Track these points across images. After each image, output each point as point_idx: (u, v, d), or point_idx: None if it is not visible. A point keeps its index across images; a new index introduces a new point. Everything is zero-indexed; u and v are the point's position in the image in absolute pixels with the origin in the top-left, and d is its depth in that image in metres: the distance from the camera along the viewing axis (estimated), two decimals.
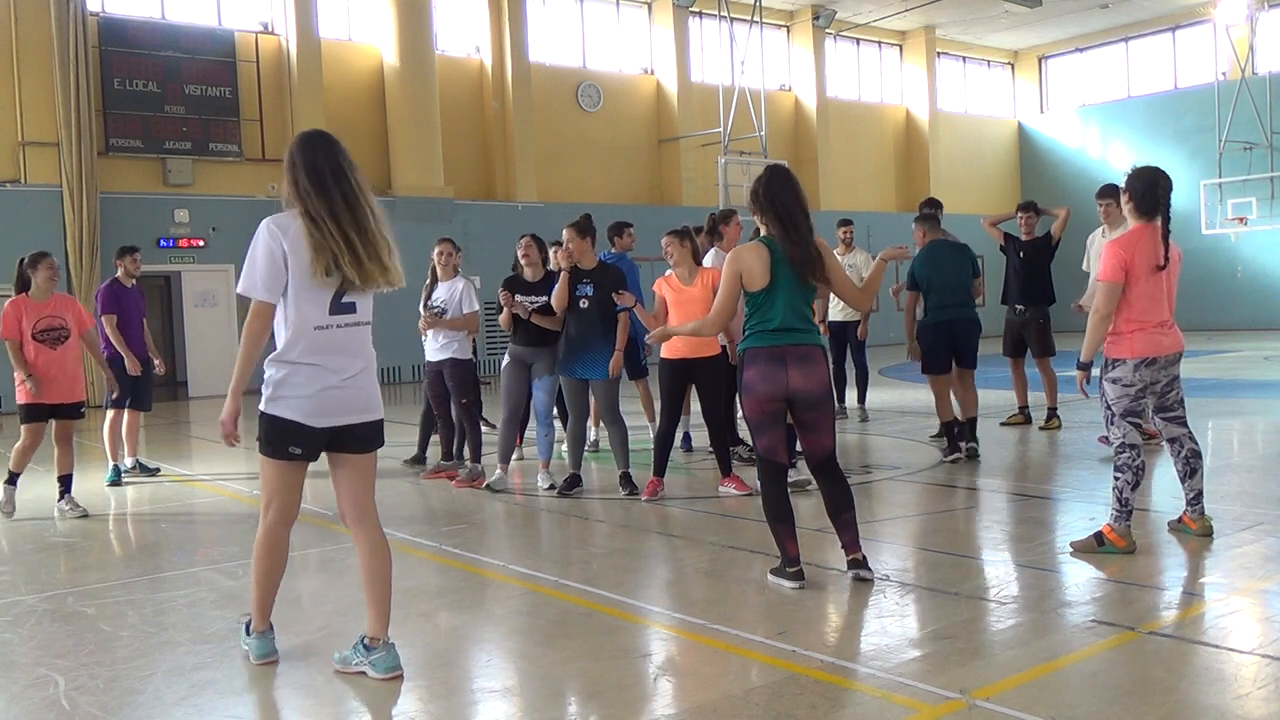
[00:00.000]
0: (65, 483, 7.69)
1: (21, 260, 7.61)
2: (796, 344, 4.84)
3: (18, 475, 7.69)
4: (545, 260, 8.11)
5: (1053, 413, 9.77)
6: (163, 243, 18.69)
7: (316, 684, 4.02)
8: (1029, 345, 9.83)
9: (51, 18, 17.37)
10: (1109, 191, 8.38)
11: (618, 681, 3.88)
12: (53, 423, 7.61)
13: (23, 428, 7.58)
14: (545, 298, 7.69)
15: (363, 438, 4.02)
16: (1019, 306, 9.83)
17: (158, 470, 9.59)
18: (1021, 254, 9.86)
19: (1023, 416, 10.07)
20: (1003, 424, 10.13)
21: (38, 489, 8.98)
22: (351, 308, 3.96)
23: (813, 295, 5.00)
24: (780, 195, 4.90)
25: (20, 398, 7.51)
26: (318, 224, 3.87)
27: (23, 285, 7.53)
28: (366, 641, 4.01)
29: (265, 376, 3.93)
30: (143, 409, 9.36)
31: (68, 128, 17.36)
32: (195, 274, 19.37)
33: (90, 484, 8.51)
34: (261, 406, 3.92)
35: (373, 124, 21.15)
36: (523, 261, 7.98)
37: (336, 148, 3.98)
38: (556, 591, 5.12)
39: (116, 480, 8.91)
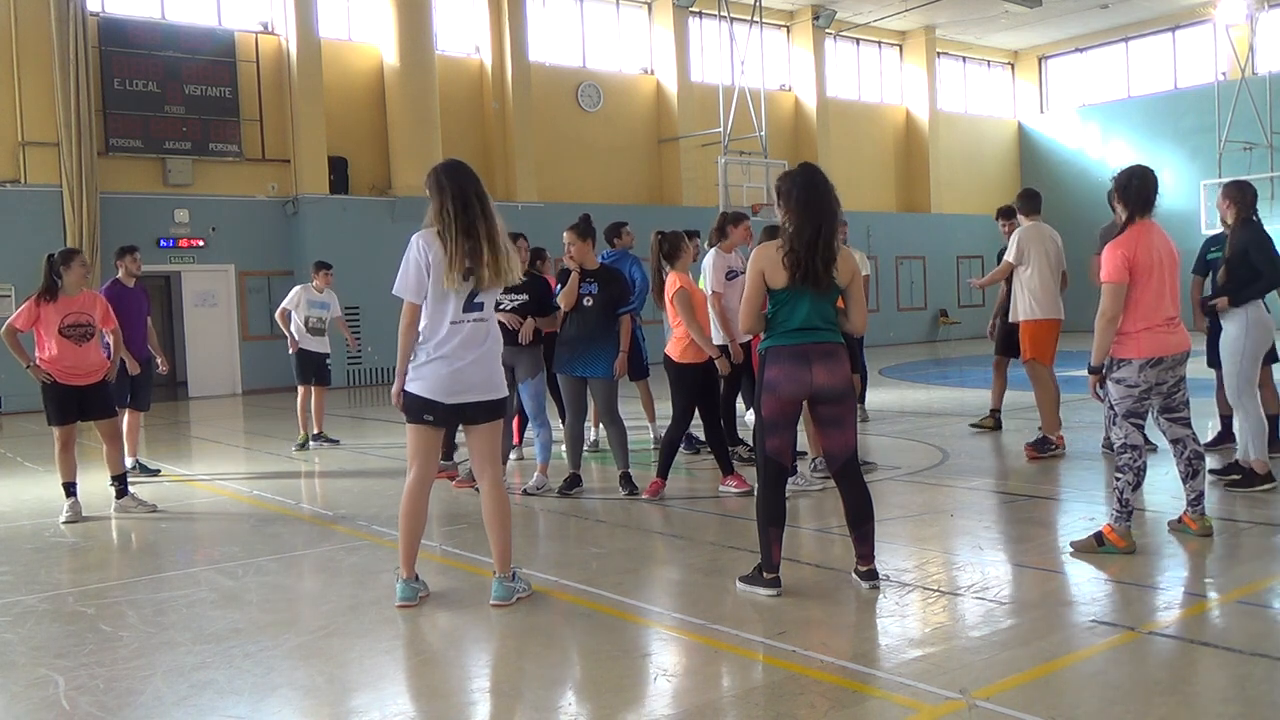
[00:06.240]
0: (121, 481, 7.76)
1: (51, 256, 7.52)
2: (819, 342, 4.80)
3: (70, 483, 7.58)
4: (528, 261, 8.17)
5: (993, 413, 10.06)
6: (163, 243, 18.71)
7: (316, 684, 4.02)
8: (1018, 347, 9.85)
9: (51, 18, 17.37)
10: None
11: (618, 681, 3.88)
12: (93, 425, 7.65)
13: (52, 430, 7.52)
14: (524, 296, 7.59)
15: (486, 411, 4.87)
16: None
17: (158, 472, 9.60)
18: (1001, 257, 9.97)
19: (993, 420, 10.04)
20: (972, 425, 10.11)
21: (37, 489, 8.99)
22: (480, 306, 4.82)
23: (836, 295, 4.89)
24: (802, 195, 4.82)
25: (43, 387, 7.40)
26: (458, 239, 4.68)
27: (49, 282, 7.38)
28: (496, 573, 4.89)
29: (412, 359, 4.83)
30: (141, 409, 9.36)
31: (68, 128, 17.36)
32: (195, 274, 19.39)
33: (92, 484, 8.49)
34: (405, 385, 4.82)
35: (373, 124, 21.16)
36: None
37: (474, 174, 4.83)
38: (556, 591, 5.12)
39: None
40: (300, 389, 11.09)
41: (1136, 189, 5.41)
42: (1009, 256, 8.82)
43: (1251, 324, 6.80)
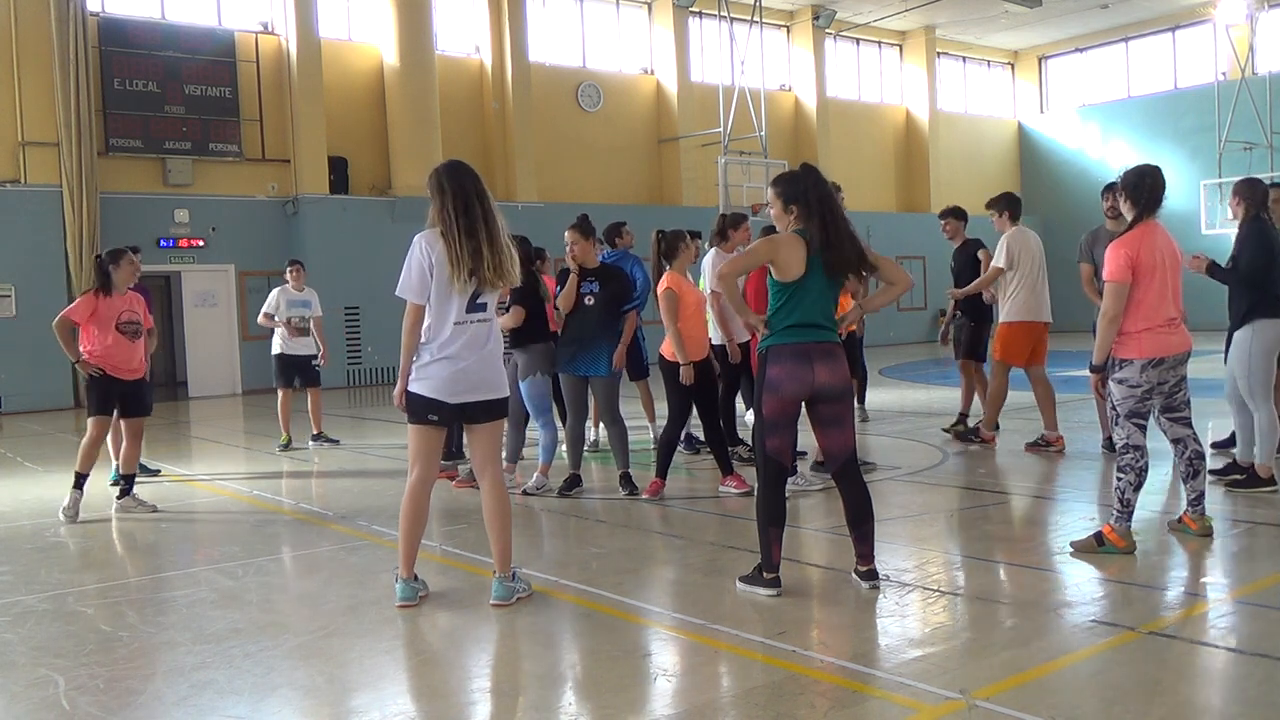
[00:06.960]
0: (129, 481, 7.79)
1: (99, 256, 7.84)
2: (820, 341, 4.82)
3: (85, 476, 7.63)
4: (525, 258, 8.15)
5: (962, 418, 9.73)
6: (163, 243, 18.70)
7: (316, 684, 4.02)
8: (959, 347, 9.87)
9: (51, 18, 17.37)
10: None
11: (618, 681, 3.88)
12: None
13: (89, 420, 7.62)
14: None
15: (487, 410, 4.89)
16: (956, 311, 9.88)
17: (158, 472, 9.59)
18: (952, 260, 10.03)
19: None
20: (944, 430, 9.94)
21: (37, 489, 8.99)
22: (484, 307, 4.83)
23: (838, 292, 4.94)
24: (822, 192, 4.87)
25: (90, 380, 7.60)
26: (460, 240, 4.68)
27: (103, 279, 7.65)
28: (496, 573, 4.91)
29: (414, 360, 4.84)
30: None
31: (68, 128, 17.35)
32: (195, 274, 19.38)
33: (92, 484, 8.50)
34: (409, 386, 4.83)
35: (373, 124, 21.15)
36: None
37: (475, 175, 4.84)
38: (556, 591, 5.12)
39: (118, 480, 8.89)
40: (281, 392, 11.16)
41: (1149, 188, 5.40)
42: (999, 261, 8.76)
43: (1259, 324, 6.79)
